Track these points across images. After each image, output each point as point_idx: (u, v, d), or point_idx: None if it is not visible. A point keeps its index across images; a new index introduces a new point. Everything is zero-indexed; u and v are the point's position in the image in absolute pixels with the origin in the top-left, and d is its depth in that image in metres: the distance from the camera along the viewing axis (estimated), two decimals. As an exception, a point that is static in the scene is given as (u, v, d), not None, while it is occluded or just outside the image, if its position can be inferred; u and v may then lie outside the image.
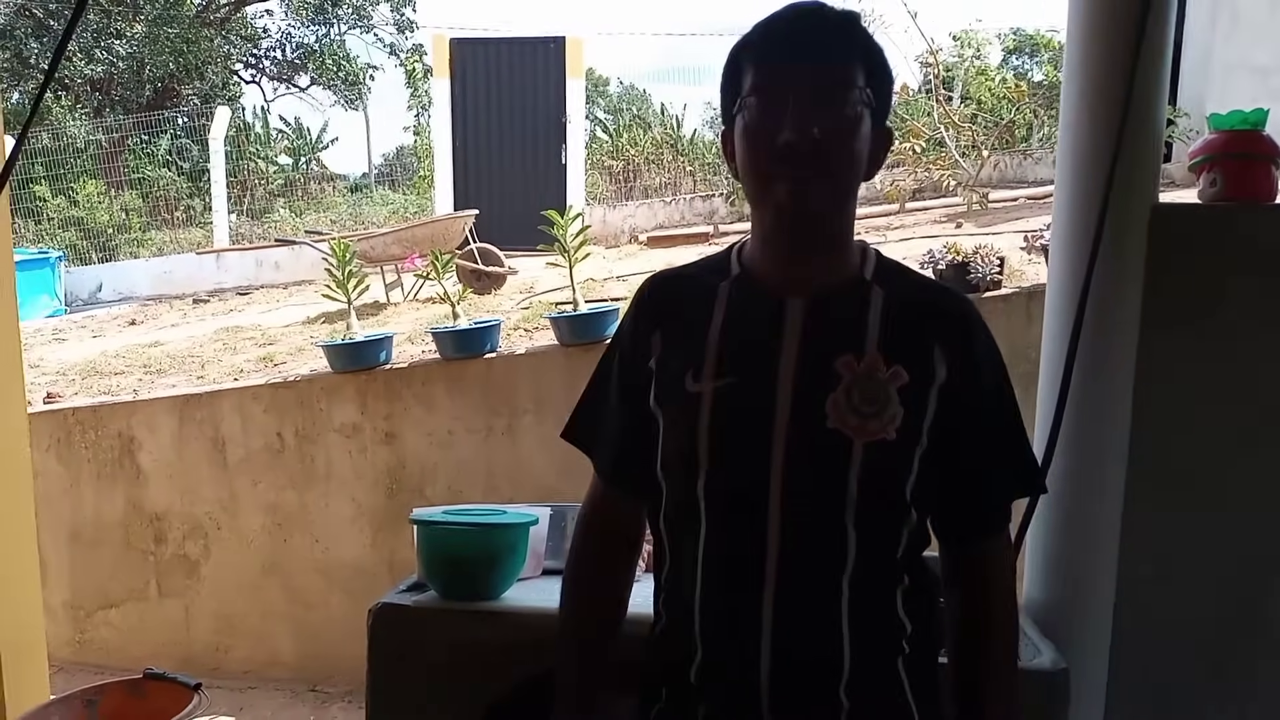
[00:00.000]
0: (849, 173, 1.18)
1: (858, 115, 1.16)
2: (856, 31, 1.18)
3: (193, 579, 3.90)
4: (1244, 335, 1.89)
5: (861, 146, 1.17)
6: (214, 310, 7.23)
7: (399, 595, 1.92)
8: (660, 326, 1.27)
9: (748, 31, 1.19)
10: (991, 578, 1.26)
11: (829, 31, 1.16)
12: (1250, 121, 1.90)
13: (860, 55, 1.17)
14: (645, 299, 1.31)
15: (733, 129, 1.21)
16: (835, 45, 1.16)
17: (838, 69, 1.15)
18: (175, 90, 15.48)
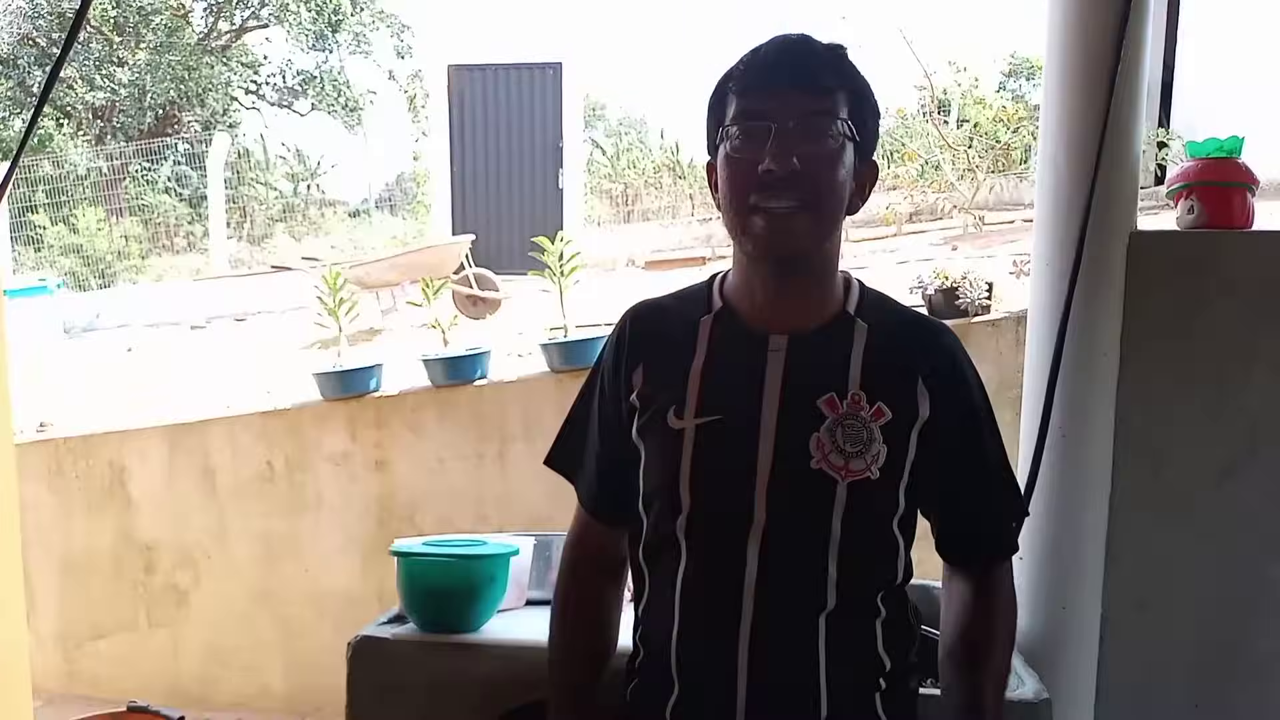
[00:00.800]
0: (830, 204, 1.16)
1: (840, 146, 1.15)
2: (841, 63, 1.18)
3: (182, 609, 3.88)
4: (1223, 361, 1.89)
5: (844, 178, 1.16)
6: (210, 337, 7.24)
7: (379, 628, 1.90)
8: (641, 361, 1.26)
9: (735, 61, 1.19)
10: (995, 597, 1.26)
11: (813, 62, 1.16)
12: (1226, 149, 1.91)
13: (845, 87, 1.17)
14: (625, 332, 1.29)
15: (716, 159, 1.21)
16: (818, 76, 1.15)
17: (820, 99, 1.15)
18: (176, 117, 15.61)
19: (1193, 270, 1.89)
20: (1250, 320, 1.87)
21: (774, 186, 1.13)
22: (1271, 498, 1.90)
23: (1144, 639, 1.96)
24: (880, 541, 1.20)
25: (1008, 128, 7.41)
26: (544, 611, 2.03)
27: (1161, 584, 1.95)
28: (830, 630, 1.17)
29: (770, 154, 1.12)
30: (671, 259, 8.18)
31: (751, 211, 1.15)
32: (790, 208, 1.13)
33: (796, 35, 1.18)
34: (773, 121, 1.13)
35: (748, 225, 1.16)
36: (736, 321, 1.23)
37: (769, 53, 1.16)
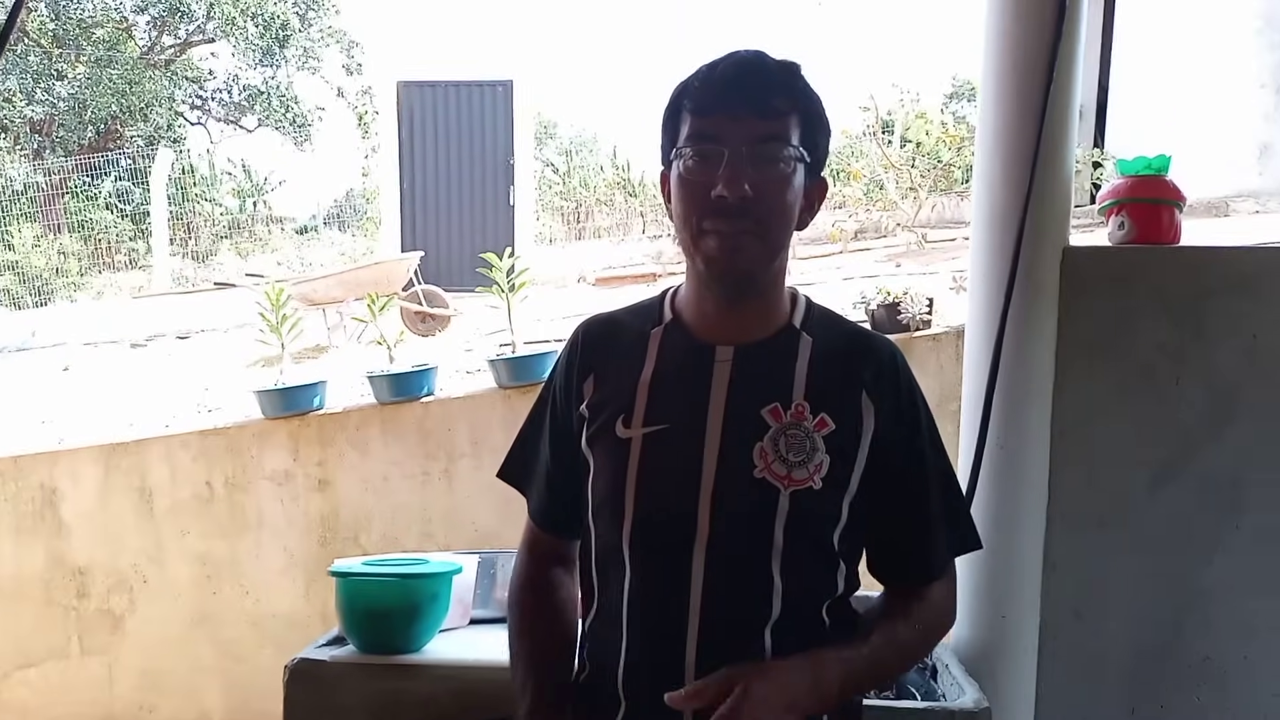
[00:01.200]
0: (780, 228, 1.19)
1: (791, 171, 1.17)
2: (794, 83, 1.19)
3: (117, 634, 3.77)
4: (1153, 372, 1.94)
5: (794, 201, 1.19)
6: (151, 355, 7.08)
7: (317, 650, 1.87)
8: (593, 372, 1.27)
9: (689, 75, 1.20)
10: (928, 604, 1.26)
11: (766, 84, 1.17)
12: (1154, 167, 1.96)
13: (797, 109, 1.18)
14: (578, 344, 1.31)
15: (670, 172, 1.22)
16: (771, 99, 1.16)
17: (773, 124, 1.16)
18: (118, 132, 15.30)
19: (1124, 284, 1.93)
20: (1179, 333, 1.92)
21: (726, 211, 1.15)
22: (1202, 505, 1.95)
23: (1081, 646, 1.99)
24: (822, 552, 1.20)
25: (949, 148, 7.57)
26: (488, 630, 2.03)
27: (1097, 592, 1.98)
28: (776, 643, 1.17)
29: (723, 179, 1.14)
30: (622, 275, 8.19)
31: (704, 233, 1.17)
32: (741, 231, 1.16)
33: (751, 54, 1.18)
34: (726, 146, 1.15)
35: (700, 245, 1.18)
36: (685, 333, 1.25)
37: (724, 71, 1.17)
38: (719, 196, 1.14)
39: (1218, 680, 1.96)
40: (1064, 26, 1.86)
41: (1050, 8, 1.87)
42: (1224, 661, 1.96)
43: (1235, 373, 1.91)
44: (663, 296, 1.32)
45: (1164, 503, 1.96)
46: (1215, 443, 1.93)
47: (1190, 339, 1.92)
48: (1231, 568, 1.95)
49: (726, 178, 1.14)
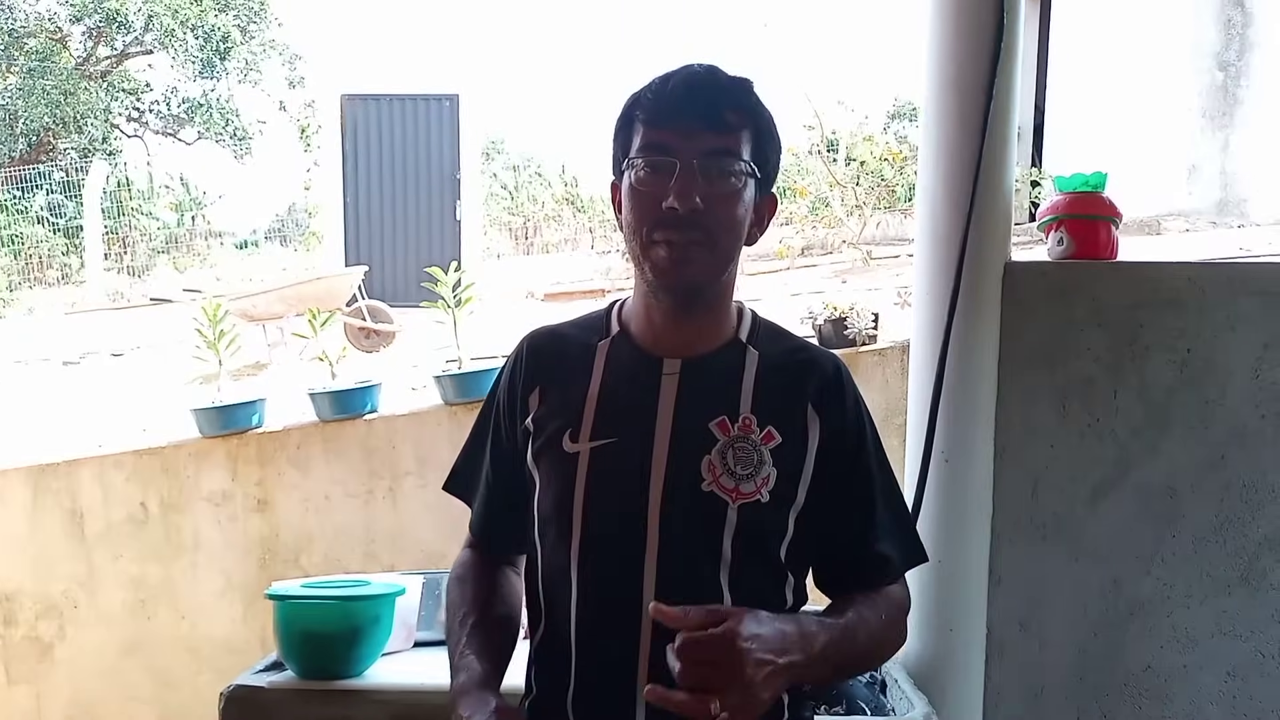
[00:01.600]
0: (729, 241, 1.19)
1: (741, 185, 1.18)
2: (746, 99, 1.20)
3: (45, 662, 3.63)
4: (1092, 385, 1.97)
5: (744, 214, 1.19)
6: (83, 373, 6.87)
7: (254, 676, 1.81)
8: (538, 384, 1.26)
9: (642, 86, 1.20)
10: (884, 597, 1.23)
11: (718, 99, 1.17)
12: (1091, 184, 2.00)
13: (748, 124, 1.19)
14: (522, 356, 1.30)
15: (621, 182, 1.22)
16: (723, 113, 1.17)
17: (724, 137, 1.17)
18: (51, 144, 14.89)
19: (1063, 299, 1.97)
20: (1116, 346, 1.96)
21: (676, 223, 1.15)
22: (1141, 516, 1.98)
23: (1026, 657, 2.01)
24: (770, 565, 1.20)
25: (892, 167, 7.70)
26: (433, 653, 1.98)
27: (1041, 603, 2.01)
28: None
29: (674, 191, 1.14)
30: (571, 291, 8.18)
31: (653, 244, 1.17)
32: (690, 243, 1.16)
33: (704, 68, 1.19)
34: (677, 158, 1.15)
35: (649, 255, 1.18)
36: (632, 345, 1.25)
37: (677, 84, 1.17)
38: (670, 208, 1.14)
39: (1160, 689, 2.00)
40: (1002, 48, 1.90)
41: (988, 31, 1.90)
42: (1165, 670, 2.00)
43: (1169, 385, 1.96)
44: (610, 309, 1.31)
45: (1104, 513, 1.99)
46: (1151, 453, 1.97)
47: (1126, 352, 1.96)
48: (1169, 577, 1.98)
49: (677, 189, 1.14)
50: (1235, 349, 1.94)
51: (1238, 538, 1.97)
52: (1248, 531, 1.97)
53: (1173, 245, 6.40)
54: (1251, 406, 1.95)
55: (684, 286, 1.19)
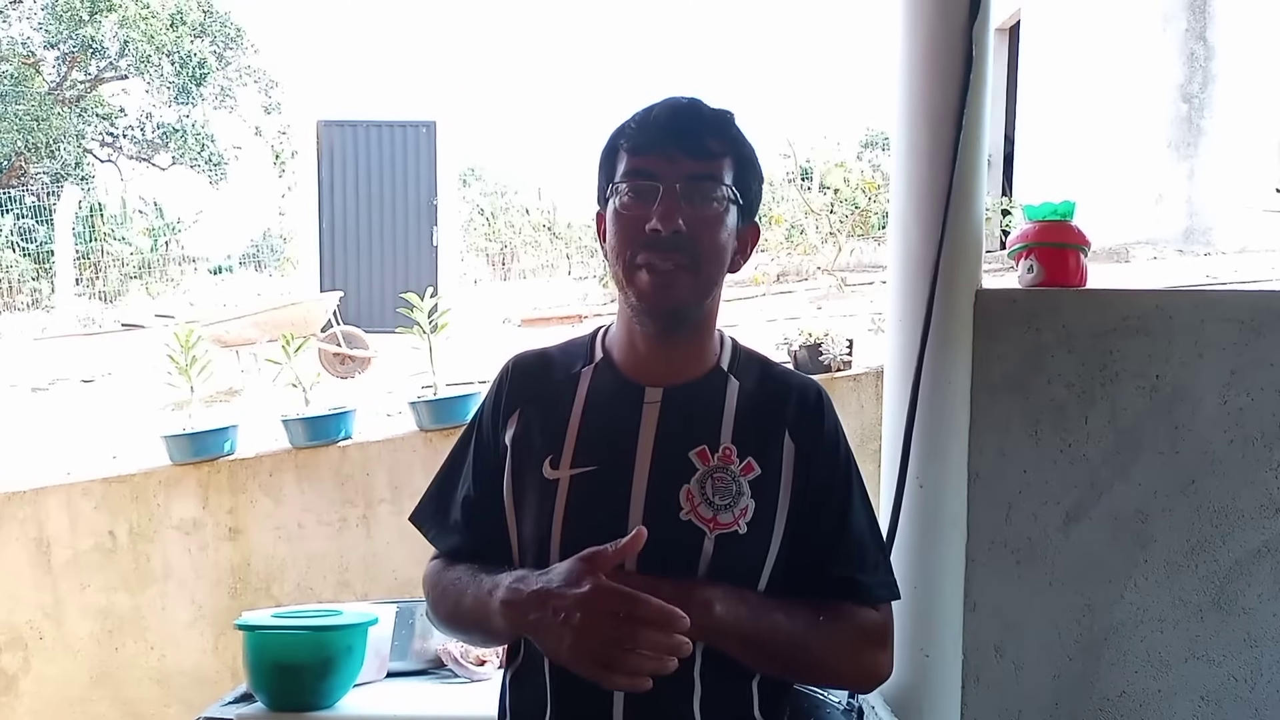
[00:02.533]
0: (712, 265, 1.20)
1: (724, 210, 1.20)
2: (728, 129, 1.23)
3: (10, 695, 3.55)
4: (1064, 410, 1.99)
5: (726, 240, 1.21)
6: (52, 399, 6.77)
7: (223, 708, 1.78)
8: (519, 408, 1.26)
9: (627, 119, 1.23)
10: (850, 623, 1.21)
11: (702, 128, 1.20)
12: (1060, 213, 2.03)
13: (730, 153, 1.21)
14: (506, 380, 1.30)
15: (606, 210, 1.24)
16: (705, 141, 1.19)
17: (707, 164, 1.19)
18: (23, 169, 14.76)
19: (1034, 325, 1.99)
20: (1086, 372, 1.98)
21: (659, 246, 1.17)
22: (1113, 541, 1.99)
23: (1002, 683, 2.01)
24: None
25: (866, 195, 7.78)
26: (406, 683, 1.96)
27: (1016, 629, 2.01)
28: (705, 685, 1.16)
29: (657, 214, 1.16)
30: (548, 316, 8.17)
31: (637, 267, 1.19)
32: (674, 266, 1.17)
33: (687, 99, 1.22)
34: (660, 182, 1.17)
35: (633, 279, 1.19)
36: (614, 372, 1.25)
37: (660, 114, 1.20)
38: (653, 230, 1.16)
39: (1135, 714, 2.00)
40: (971, 79, 1.93)
41: (958, 62, 1.93)
42: (1140, 695, 2.00)
43: (1139, 410, 1.98)
44: (594, 335, 1.32)
45: (1077, 539, 2.00)
46: (1122, 479, 1.99)
47: (1097, 378, 1.98)
48: (1142, 601, 2.00)
49: (661, 212, 1.16)
50: (1203, 375, 1.97)
51: (1209, 562, 1.99)
52: (1218, 556, 1.99)
53: (1140, 273, 6.50)
54: (1220, 432, 1.97)
55: (667, 310, 1.20)
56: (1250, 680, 2.00)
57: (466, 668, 1.96)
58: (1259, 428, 1.97)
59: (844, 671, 1.22)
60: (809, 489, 1.20)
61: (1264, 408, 1.97)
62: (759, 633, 1.14)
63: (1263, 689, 2.00)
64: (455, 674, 1.97)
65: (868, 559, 1.25)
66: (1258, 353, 1.96)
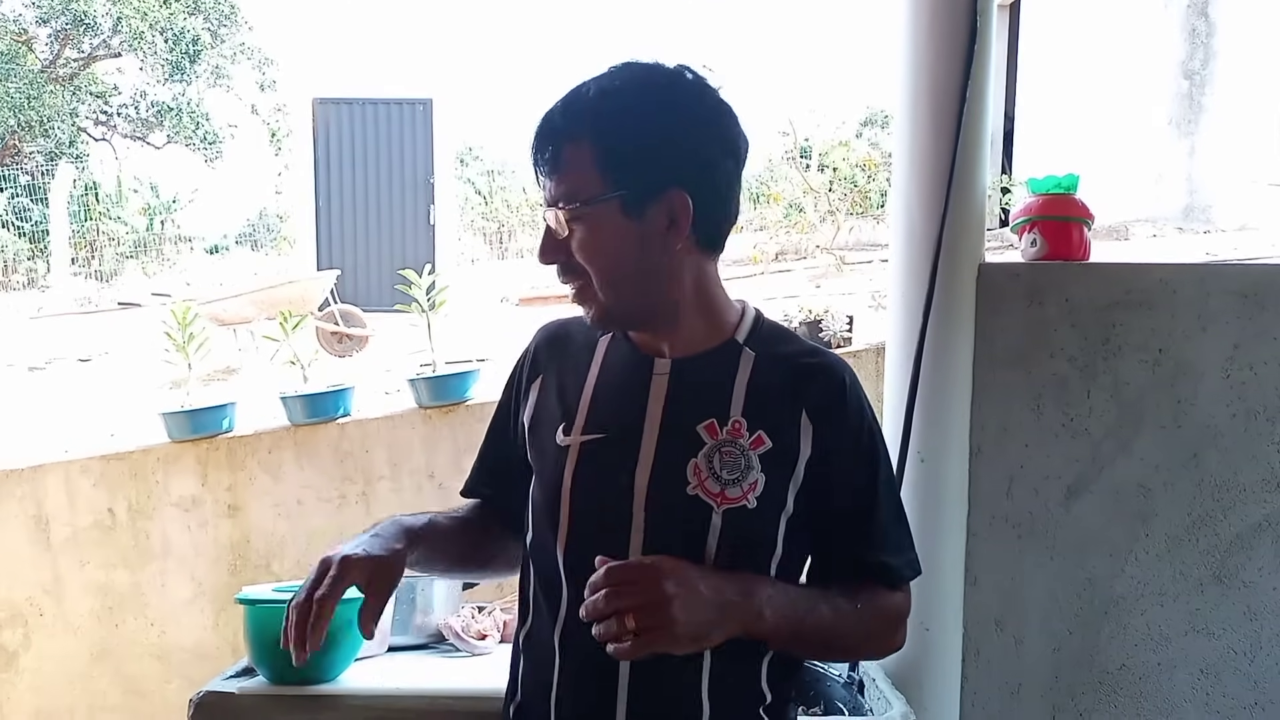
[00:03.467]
0: (612, 273, 1.15)
1: (599, 219, 1.13)
2: (581, 123, 1.13)
3: (10, 671, 3.56)
4: (1066, 385, 1.99)
5: (613, 245, 1.14)
6: (49, 378, 6.77)
7: (225, 682, 1.78)
8: (541, 375, 1.27)
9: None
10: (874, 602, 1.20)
11: (551, 140, 1.14)
12: (1063, 186, 2.02)
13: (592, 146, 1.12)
14: (533, 348, 1.31)
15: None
16: (560, 154, 1.13)
17: (564, 180, 1.13)
18: (16, 147, 14.67)
19: (1036, 299, 1.98)
20: (1089, 346, 1.97)
21: (559, 275, 1.18)
22: (1115, 515, 2.00)
23: (1003, 656, 2.02)
24: (759, 572, 1.17)
25: (865, 173, 7.76)
26: (407, 657, 1.96)
27: (1017, 602, 2.02)
28: (715, 660, 1.16)
29: (540, 250, 1.17)
30: (545, 295, 8.15)
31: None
32: (577, 289, 1.17)
33: (550, 108, 1.15)
34: (543, 211, 1.17)
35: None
36: (628, 343, 1.23)
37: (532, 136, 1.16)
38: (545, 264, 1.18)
39: (1135, 687, 2.01)
40: (974, 55, 1.92)
41: (961, 38, 1.92)
42: (1140, 668, 2.01)
43: (1142, 385, 1.98)
44: None
45: (1078, 513, 2.00)
46: (1124, 453, 1.99)
47: (1099, 352, 1.98)
48: (1143, 575, 2.00)
49: (542, 247, 1.16)
50: (1206, 349, 1.97)
51: (1209, 536, 1.99)
52: (1219, 530, 1.99)
53: (1140, 251, 6.49)
54: (1222, 406, 1.97)
55: (606, 328, 1.20)
56: (1250, 653, 2.01)
57: (467, 642, 1.96)
58: (1261, 402, 1.97)
59: (871, 651, 1.28)
60: (830, 470, 1.17)
61: (1267, 382, 1.96)
62: (803, 629, 1.15)
63: (1262, 662, 2.01)
64: (456, 648, 1.98)
65: (891, 540, 1.22)
66: (1261, 326, 1.96)
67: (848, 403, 1.19)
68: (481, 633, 1.98)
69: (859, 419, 1.20)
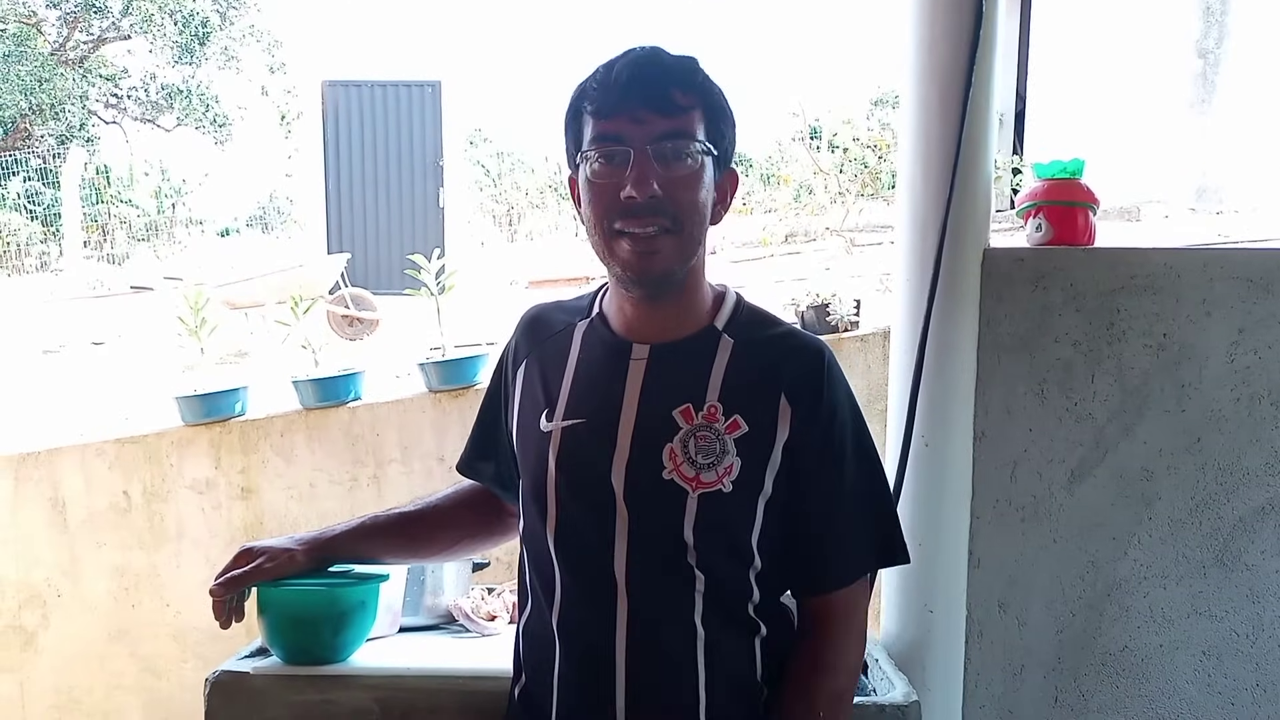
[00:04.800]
0: (694, 225, 1.17)
1: (699, 166, 1.16)
2: (694, 77, 1.17)
3: (29, 651, 3.61)
4: (1070, 369, 2.00)
5: (705, 196, 1.17)
6: (63, 361, 6.82)
7: (239, 662, 1.82)
8: (525, 360, 1.29)
9: (587, 76, 1.18)
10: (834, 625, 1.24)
11: (667, 81, 1.15)
12: (1069, 171, 2.02)
13: (699, 103, 1.16)
14: (519, 331, 1.33)
15: (578, 175, 1.21)
16: (672, 95, 1.14)
17: (675, 120, 1.14)
18: (27, 131, 14.71)
19: (1041, 284, 1.99)
20: (1093, 331, 1.98)
21: (637, 212, 1.14)
22: (1118, 499, 2.01)
23: (1005, 638, 2.04)
24: (741, 554, 1.20)
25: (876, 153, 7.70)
26: (418, 637, 1.99)
27: (1020, 585, 2.03)
28: (708, 636, 1.18)
29: (631, 180, 1.13)
30: (555, 278, 8.16)
31: (617, 236, 1.16)
32: (655, 232, 1.15)
33: (647, 51, 1.16)
34: (630, 146, 1.13)
35: (614, 250, 1.17)
36: (606, 329, 1.25)
37: (621, 71, 1.15)
38: (628, 197, 1.13)
39: (1137, 669, 2.03)
40: (981, 34, 1.91)
41: (968, 16, 1.91)
42: (1142, 650, 2.03)
43: (1146, 369, 1.98)
44: (597, 291, 1.33)
45: (1082, 496, 2.02)
46: (1127, 437, 2.00)
47: (1103, 336, 1.98)
48: (1146, 558, 2.01)
49: (634, 178, 1.13)
50: (1211, 334, 1.97)
51: (1213, 519, 2.00)
52: (1222, 513, 2.00)
53: (1152, 232, 6.45)
54: (1226, 390, 1.98)
55: (653, 277, 1.18)
56: (1252, 635, 2.02)
57: (477, 623, 1.99)
58: (1266, 386, 1.97)
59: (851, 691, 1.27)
60: (802, 452, 1.19)
61: (1271, 366, 1.97)
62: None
63: (1264, 644, 2.02)
64: (466, 629, 2.01)
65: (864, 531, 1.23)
66: (1266, 311, 1.96)
67: (825, 383, 1.20)
68: (491, 614, 2.01)
69: (834, 401, 1.21)
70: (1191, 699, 2.03)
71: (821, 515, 1.22)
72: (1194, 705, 2.03)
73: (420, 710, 1.64)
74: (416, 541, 1.48)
